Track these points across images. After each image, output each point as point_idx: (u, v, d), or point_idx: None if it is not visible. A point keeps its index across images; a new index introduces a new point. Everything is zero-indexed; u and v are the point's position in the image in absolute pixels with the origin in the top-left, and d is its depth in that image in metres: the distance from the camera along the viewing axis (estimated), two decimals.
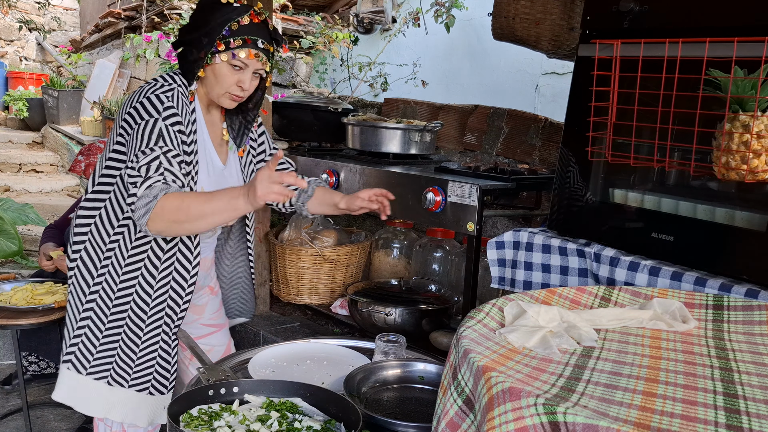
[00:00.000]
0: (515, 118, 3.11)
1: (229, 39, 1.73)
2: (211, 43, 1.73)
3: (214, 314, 2.21)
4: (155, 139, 1.67)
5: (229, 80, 1.77)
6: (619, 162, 1.70)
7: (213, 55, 1.75)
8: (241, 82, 1.78)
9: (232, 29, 1.73)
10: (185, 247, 1.87)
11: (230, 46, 1.73)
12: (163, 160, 1.65)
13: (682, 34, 1.54)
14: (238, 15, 1.74)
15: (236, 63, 1.75)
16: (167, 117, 1.70)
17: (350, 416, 1.40)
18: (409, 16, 4.93)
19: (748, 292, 1.44)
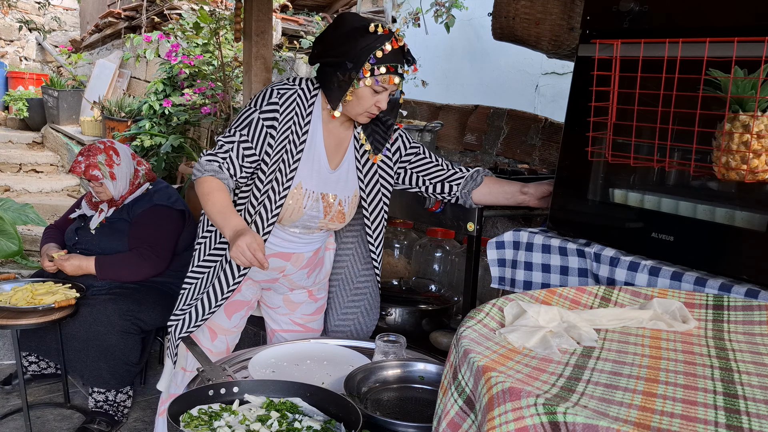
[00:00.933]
0: (515, 118, 3.11)
1: (374, 66, 1.85)
2: (357, 69, 1.85)
3: (307, 316, 2.28)
4: (243, 125, 1.95)
5: (369, 102, 1.91)
6: (619, 162, 1.70)
7: (359, 80, 1.87)
8: (379, 103, 1.92)
9: (377, 57, 1.84)
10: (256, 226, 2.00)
11: (375, 73, 1.85)
12: (235, 148, 1.94)
13: (682, 34, 1.54)
14: (382, 43, 1.85)
15: (378, 88, 1.89)
16: (264, 111, 1.95)
17: (350, 416, 1.40)
18: (409, 16, 4.93)
19: (748, 292, 1.43)
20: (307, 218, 2.04)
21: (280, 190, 1.96)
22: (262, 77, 3.02)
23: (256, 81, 3.01)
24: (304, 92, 1.99)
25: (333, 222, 2.08)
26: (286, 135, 1.96)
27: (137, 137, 5.31)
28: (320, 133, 2.02)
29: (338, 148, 2.07)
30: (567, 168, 1.86)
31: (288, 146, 1.96)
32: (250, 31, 2.96)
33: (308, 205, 2.01)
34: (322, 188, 2.02)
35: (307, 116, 1.99)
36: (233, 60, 4.75)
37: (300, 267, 2.15)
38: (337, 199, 2.05)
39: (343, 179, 2.07)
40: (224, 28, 4.54)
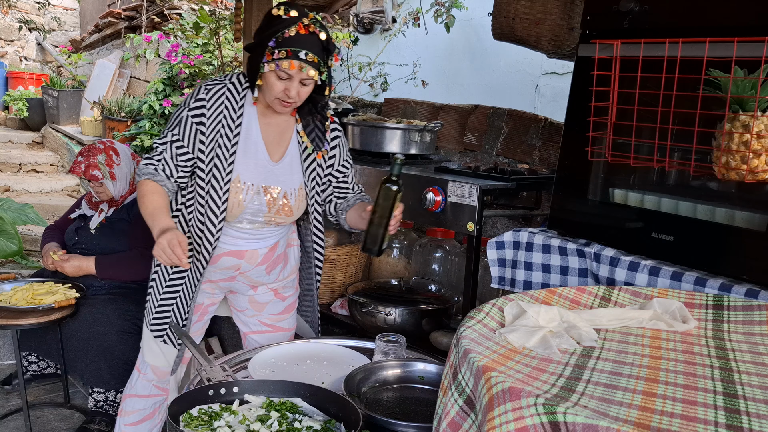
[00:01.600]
0: (515, 118, 3.11)
1: (274, 50, 1.83)
2: (262, 53, 1.84)
3: (275, 316, 2.26)
4: (174, 125, 1.97)
5: (276, 88, 1.87)
6: (619, 162, 1.70)
7: (263, 64, 1.86)
8: (287, 91, 1.87)
9: (278, 41, 1.82)
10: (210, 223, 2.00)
11: (275, 57, 1.83)
12: (168, 148, 1.96)
13: (682, 34, 1.54)
14: (286, 27, 1.82)
15: (280, 73, 1.85)
16: (192, 109, 1.95)
17: (350, 416, 1.40)
18: (409, 16, 4.93)
19: (748, 292, 1.44)
20: (251, 212, 2.02)
21: (221, 186, 1.96)
22: None
23: None
24: (235, 86, 1.99)
25: (279, 216, 2.05)
26: (217, 129, 1.95)
27: (137, 137, 5.31)
28: (256, 124, 2.01)
29: (280, 140, 2.05)
30: (567, 168, 1.86)
31: (221, 140, 1.95)
32: (250, 31, 2.96)
33: (248, 199, 1.99)
34: (263, 181, 2.00)
35: (240, 109, 1.98)
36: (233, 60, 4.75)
37: (256, 264, 2.13)
38: (282, 192, 2.03)
39: (287, 171, 2.04)
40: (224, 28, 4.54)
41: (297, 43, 1.83)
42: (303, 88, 1.89)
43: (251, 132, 2.00)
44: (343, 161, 2.17)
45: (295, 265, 2.27)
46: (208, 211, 1.98)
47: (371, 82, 5.08)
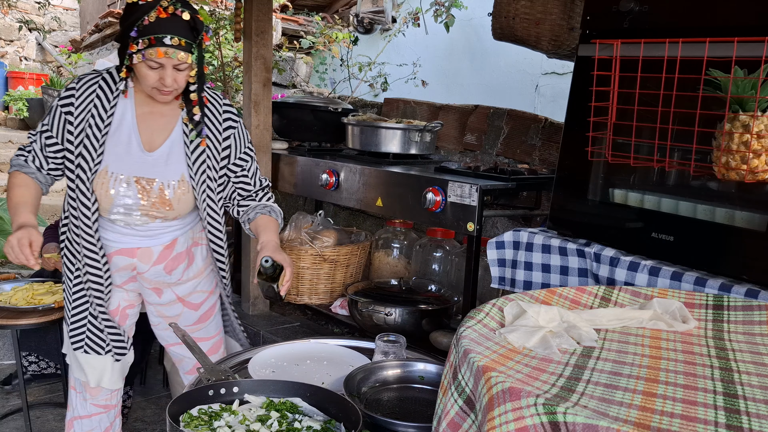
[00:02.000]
0: (515, 118, 3.11)
1: (138, 40, 1.75)
2: (126, 46, 1.77)
3: (191, 326, 2.15)
4: (46, 116, 1.93)
5: (151, 79, 1.80)
6: (619, 162, 1.70)
7: (128, 56, 1.78)
8: (162, 80, 1.80)
9: (139, 30, 1.74)
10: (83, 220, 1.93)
11: (139, 47, 1.75)
12: (39, 139, 1.93)
13: (682, 34, 1.54)
14: (144, 14, 1.73)
15: (150, 63, 1.77)
16: (62, 99, 1.91)
17: (350, 416, 1.40)
18: (409, 16, 4.93)
19: (748, 292, 1.44)
20: (123, 206, 1.92)
21: (88, 177, 1.88)
22: (262, 77, 3.02)
23: (256, 81, 3.01)
24: (111, 76, 1.92)
25: (157, 209, 1.94)
26: (86, 119, 1.88)
27: None
28: (131, 114, 1.92)
29: (161, 130, 1.95)
30: (567, 168, 1.86)
31: (89, 131, 1.88)
32: (250, 31, 2.96)
33: (118, 191, 1.90)
34: (134, 172, 1.90)
35: (114, 99, 1.90)
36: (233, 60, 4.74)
37: (152, 263, 2.03)
38: (157, 184, 1.92)
39: (163, 162, 1.93)
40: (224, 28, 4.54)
41: (159, 28, 1.74)
42: (179, 73, 1.81)
43: (124, 122, 1.92)
44: (240, 153, 2.05)
45: (204, 265, 2.14)
46: (80, 205, 1.91)
47: (371, 82, 5.08)
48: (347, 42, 5.15)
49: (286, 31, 5.66)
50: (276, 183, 3.16)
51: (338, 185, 2.75)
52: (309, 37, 5.38)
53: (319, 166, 2.85)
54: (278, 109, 3.22)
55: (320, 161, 2.87)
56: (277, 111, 3.20)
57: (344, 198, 2.76)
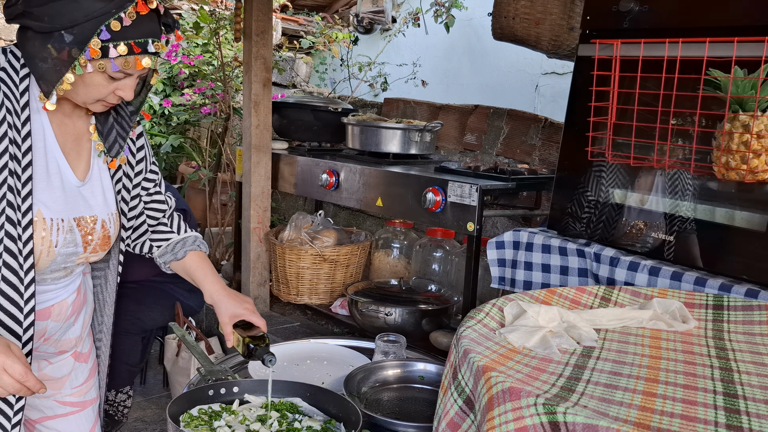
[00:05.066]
0: (515, 118, 3.11)
1: (107, 45, 1.23)
2: (81, 46, 1.23)
3: (79, 388, 1.61)
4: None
5: (105, 90, 1.30)
6: (619, 162, 1.70)
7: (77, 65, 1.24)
8: (120, 90, 1.32)
9: (112, 30, 1.23)
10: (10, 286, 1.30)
11: (109, 54, 1.24)
12: None
13: (682, 34, 1.54)
14: (121, 8, 1.23)
15: (116, 74, 1.28)
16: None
17: (350, 416, 1.40)
18: (409, 16, 4.93)
19: (748, 292, 1.44)
20: (63, 259, 1.40)
21: (19, 229, 1.28)
22: (262, 77, 3.02)
23: (256, 81, 3.01)
24: (8, 71, 1.29)
25: (96, 253, 1.47)
26: (4, 148, 1.26)
27: None
28: (50, 131, 1.36)
29: (78, 148, 1.43)
30: (567, 168, 1.86)
31: (10, 164, 1.26)
32: (250, 31, 2.96)
33: (60, 241, 1.36)
34: (73, 211, 1.39)
35: (23, 109, 1.29)
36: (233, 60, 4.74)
37: (65, 318, 1.52)
38: (99, 221, 1.44)
39: (99, 190, 1.46)
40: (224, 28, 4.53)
41: (141, 30, 1.26)
42: (137, 85, 1.36)
43: (46, 141, 1.35)
44: (151, 165, 1.60)
45: (92, 300, 1.64)
46: (4, 270, 1.28)
47: (371, 82, 5.08)
48: (347, 42, 5.15)
49: (286, 31, 5.66)
50: (276, 183, 3.16)
51: (338, 185, 2.74)
52: (309, 37, 5.38)
53: (319, 166, 2.85)
54: (278, 109, 3.22)
55: (320, 161, 2.87)
56: (277, 111, 3.20)
57: (344, 198, 2.76)
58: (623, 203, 1.75)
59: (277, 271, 3.07)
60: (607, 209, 1.79)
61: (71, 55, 1.23)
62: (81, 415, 1.61)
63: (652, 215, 1.67)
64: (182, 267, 1.63)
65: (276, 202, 4.40)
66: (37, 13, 1.22)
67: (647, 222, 1.68)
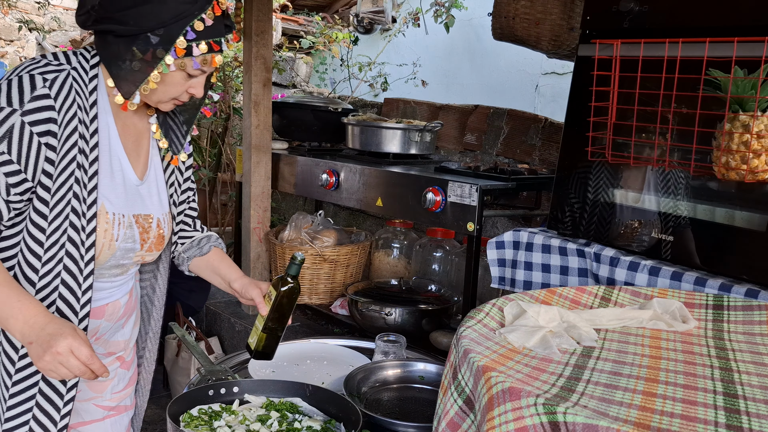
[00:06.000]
0: (515, 118, 3.11)
1: (191, 43, 1.32)
2: (168, 46, 1.30)
3: (118, 394, 1.64)
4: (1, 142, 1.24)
5: (180, 88, 1.38)
6: (619, 162, 1.70)
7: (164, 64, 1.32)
8: (193, 88, 1.40)
9: (196, 30, 1.31)
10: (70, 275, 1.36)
11: (193, 52, 1.32)
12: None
13: (682, 34, 1.54)
14: (203, 9, 1.31)
15: (194, 71, 1.36)
16: (32, 111, 1.26)
17: (350, 416, 1.40)
18: (409, 16, 4.93)
19: (748, 292, 1.44)
20: (122, 254, 1.46)
21: (83, 223, 1.34)
22: (262, 77, 3.02)
23: (256, 81, 3.01)
24: (79, 72, 1.35)
25: (150, 252, 1.52)
26: (74, 141, 1.32)
27: None
28: (114, 129, 1.43)
29: (138, 148, 1.50)
30: (567, 168, 1.86)
31: (79, 157, 1.33)
32: (250, 31, 2.96)
33: (121, 236, 1.43)
34: (133, 208, 1.45)
35: (91, 107, 1.36)
36: (233, 60, 4.74)
37: (117, 319, 1.57)
38: (155, 220, 1.50)
39: (155, 191, 1.52)
40: None
41: (217, 30, 1.35)
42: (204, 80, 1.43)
43: (110, 140, 1.42)
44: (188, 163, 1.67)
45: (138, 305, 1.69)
46: (66, 260, 1.34)
47: (371, 82, 5.08)
48: (347, 42, 5.15)
49: (286, 31, 5.66)
50: (276, 183, 3.16)
51: (338, 185, 2.74)
52: (309, 37, 5.38)
53: (319, 166, 2.85)
54: (278, 109, 3.22)
55: (320, 161, 2.87)
56: (277, 111, 3.20)
57: (344, 198, 2.76)
58: (623, 203, 1.75)
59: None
60: (607, 209, 1.79)
61: (156, 55, 1.31)
62: (116, 420, 1.63)
63: (652, 215, 1.67)
64: (205, 261, 1.68)
65: (276, 202, 4.40)
66: (119, 17, 1.29)
67: (647, 222, 1.68)
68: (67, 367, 1.20)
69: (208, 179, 4.10)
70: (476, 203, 2.18)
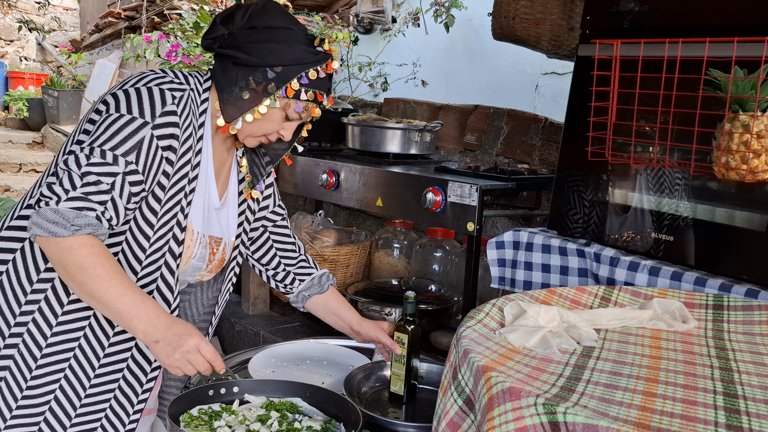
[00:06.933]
0: (515, 118, 3.11)
1: (302, 88, 1.41)
2: (281, 84, 1.39)
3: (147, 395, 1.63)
4: (128, 148, 1.27)
5: (274, 127, 1.46)
6: (619, 162, 1.70)
7: (274, 98, 1.41)
8: (284, 131, 1.47)
9: (309, 78, 1.41)
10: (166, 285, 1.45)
11: (300, 96, 1.41)
12: (119, 184, 1.27)
13: (682, 34, 1.54)
14: (319, 62, 1.42)
15: (292, 114, 1.45)
16: (161, 126, 1.31)
17: (350, 416, 1.40)
18: (409, 16, 4.93)
19: (748, 292, 1.44)
20: (191, 271, 1.55)
21: (179, 236, 1.44)
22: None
23: None
24: (194, 93, 1.43)
25: (210, 273, 1.60)
26: (188, 159, 1.41)
27: None
28: (210, 151, 1.50)
29: (221, 176, 1.57)
30: (567, 168, 1.86)
31: (190, 172, 1.43)
32: None
33: (197, 254, 1.52)
34: (209, 230, 1.53)
35: (199, 128, 1.44)
36: None
37: None
38: (223, 244, 1.58)
39: (226, 216, 1.59)
40: None
41: (324, 84, 1.45)
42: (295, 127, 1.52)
43: (207, 161, 1.50)
44: (278, 203, 1.76)
45: None
46: (164, 269, 1.43)
47: (371, 82, 5.08)
48: (347, 42, 5.14)
49: None
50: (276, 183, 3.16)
51: (338, 185, 2.74)
52: None
53: (319, 166, 2.85)
54: None
55: (320, 161, 2.87)
56: None
57: (344, 198, 2.76)
58: (623, 203, 1.75)
59: None
60: (606, 209, 1.79)
61: (267, 89, 1.39)
62: (146, 419, 1.64)
63: (652, 215, 1.67)
64: (324, 300, 1.78)
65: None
66: (247, 48, 1.40)
67: (647, 222, 1.68)
68: (193, 364, 1.30)
69: None
70: (476, 203, 2.18)
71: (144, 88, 1.33)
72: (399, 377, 1.64)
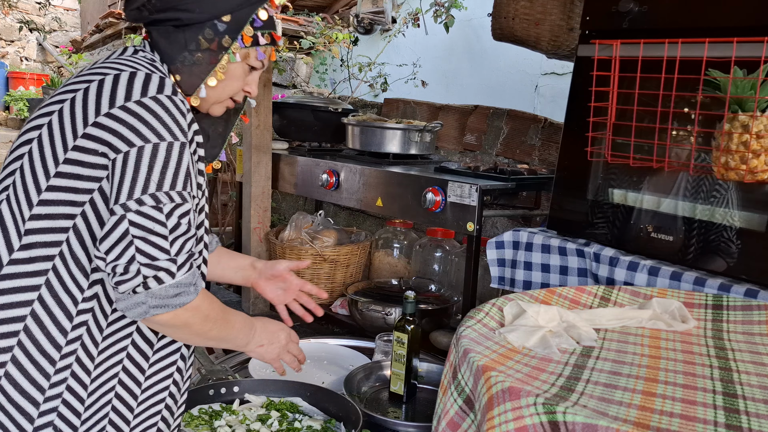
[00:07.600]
0: (515, 119, 3.11)
1: (257, 32, 1.27)
2: (234, 34, 1.24)
3: None
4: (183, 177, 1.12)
5: (239, 84, 1.32)
6: (618, 162, 1.70)
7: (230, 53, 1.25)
8: (248, 86, 1.34)
9: (261, 19, 1.27)
10: None
11: (260, 42, 1.28)
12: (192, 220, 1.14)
13: (682, 34, 1.54)
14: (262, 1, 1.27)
15: (255, 63, 1.31)
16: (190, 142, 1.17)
17: (350, 416, 1.41)
18: (409, 17, 4.93)
19: (748, 291, 1.44)
20: None
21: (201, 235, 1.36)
22: (262, 77, 3.02)
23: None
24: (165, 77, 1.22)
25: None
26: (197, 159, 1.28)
27: None
28: None
29: None
30: (567, 168, 1.86)
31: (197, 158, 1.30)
32: None
33: None
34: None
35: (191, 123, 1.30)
36: None
37: None
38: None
39: None
40: None
41: (274, 23, 1.31)
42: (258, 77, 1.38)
43: None
44: None
45: None
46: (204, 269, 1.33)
47: (371, 83, 5.08)
48: (347, 42, 5.15)
49: (286, 32, 5.66)
50: (276, 183, 3.16)
51: (338, 185, 2.74)
52: (309, 38, 5.38)
53: (319, 166, 2.85)
54: (278, 109, 3.22)
55: (320, 161, 2.87)
56: (277, 111, 3.20)
57: (344, 198, 2.76)
58: (623, 203, 1.75)
59: None
60: (606, 209, 1.79)
61: (221, 44, 1.23)
62: None
63: (651, 215, 1.67)
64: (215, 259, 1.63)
65: (276, 202, 4.40)
66: (183, 5, 1.20)
67: (647, 222, 1.68)
68: (292, 353, 1.39)
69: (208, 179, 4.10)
70: (476, 203, 2.18)
71: (153, 102, 1.12)
72: (399, 377, 1.65)
